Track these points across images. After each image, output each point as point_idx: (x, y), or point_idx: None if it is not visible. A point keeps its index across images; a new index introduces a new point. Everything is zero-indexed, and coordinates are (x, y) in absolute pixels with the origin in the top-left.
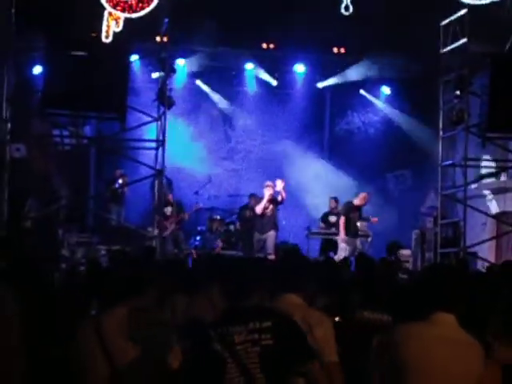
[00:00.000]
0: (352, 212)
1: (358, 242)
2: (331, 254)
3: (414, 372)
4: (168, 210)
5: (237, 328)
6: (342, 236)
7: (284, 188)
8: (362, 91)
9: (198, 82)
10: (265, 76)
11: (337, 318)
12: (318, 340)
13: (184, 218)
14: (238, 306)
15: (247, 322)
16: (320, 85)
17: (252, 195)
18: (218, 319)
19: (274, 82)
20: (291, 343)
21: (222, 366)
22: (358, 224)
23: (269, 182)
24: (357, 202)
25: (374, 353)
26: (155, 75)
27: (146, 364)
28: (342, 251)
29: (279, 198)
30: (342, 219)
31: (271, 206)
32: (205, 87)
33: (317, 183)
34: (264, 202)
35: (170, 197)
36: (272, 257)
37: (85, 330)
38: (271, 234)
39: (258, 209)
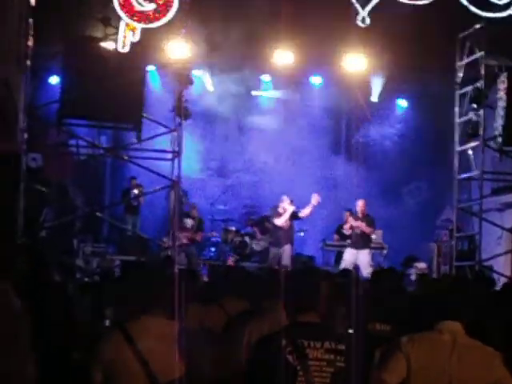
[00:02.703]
0: (353, 221)
1: (363, 254)
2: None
3: (425, 378)
4: (188, 222)
5: (311, 343)
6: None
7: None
8: (378, 103)
9: (215, 93)
10: (280, 89)
11: (350, 330)
12: None
13: (196, 239)
14: (311, 322)
15: (323, 339)
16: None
17: (273, 208)
18: (289, 331)
19: (290, 95)
20: (360, 368)
21: (293, 377)
22: (374, 236)
23: (285, 197)
24: (357, 210)
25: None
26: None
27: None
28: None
29: (301, 214)
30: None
31: (289, 221)
32: (221, 98)
33: (332, 195)
34: (286, 217)
35: (195, 212)
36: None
37: (114, 338)
38: (287, 247)
39: (280, 222)
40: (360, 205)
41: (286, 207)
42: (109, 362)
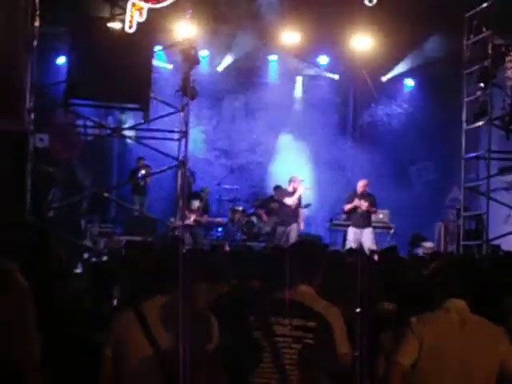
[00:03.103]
0: (356, 199)
1: (366, 232)
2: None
3: (436, 357)
4: (195, 203)
5: (279, 320)
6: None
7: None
8: (385, 83)
9: (222, 73)
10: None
11: (358, 309)
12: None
13: (202, 221)
14: (282, 299)
15: (292, 316)
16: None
17: (277, 187)
18: (259, 308)
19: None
20: (329, 347)
21: (259, 354)
22: (380, 215)
23: (296, 176)
24: (359, 189)
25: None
26: (178, 66)
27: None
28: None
29: (287, 202)
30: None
31: (297, 200)
32: (228, 78)
33: (340, 175)
34: (297, 196)
35: (204, 195)
36: None
37: (125, 317)
38: (294, 226)
39: (290, 201)
40: (361, 185)
41: (296, 186)
42: (119, 339)
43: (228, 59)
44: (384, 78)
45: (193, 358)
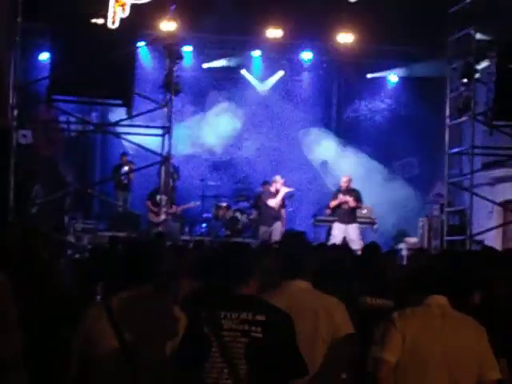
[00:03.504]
0: (340, 195)
1: (351, 228)
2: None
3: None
4: (163, 198)
5: (227, 314)
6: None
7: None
8: (369, 78)
9: (205, 69)
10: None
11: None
12: (338, 325)
13: (177, 212)
14: (233, 293)
15: (240, 310)
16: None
17: (265, 182)
18: (210, 302)
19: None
20: (284, 342)
21: (207, 349)
22: (364, 211)
23: (279, 178)
24: (342, 185)
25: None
26: (161, 62)
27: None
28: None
29: (270, 203)
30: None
31: (280, 201)
32: (212, 74)
33: (324, 171)
34: (280, 198)
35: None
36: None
37: (95, 309)
38: (277, 224)
39: (273, 203)
40: (344, 180)
41: (279, 188)
42: (87, 331)
43: (210, 55)
44: (368, 75)
45: (157, 352)
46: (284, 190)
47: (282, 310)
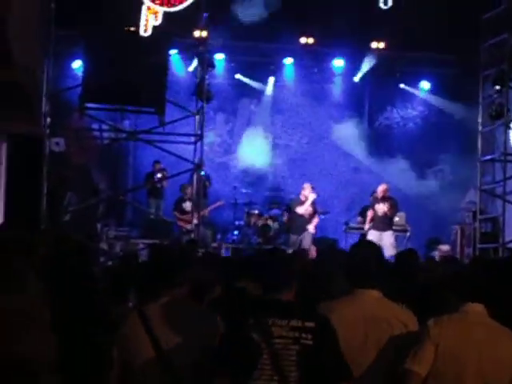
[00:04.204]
0: (376, 204)
1: (386, 235)
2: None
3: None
4: (187, 205)
5: (277, 321)
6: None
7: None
8: (401, 86)
9: (237, 77)
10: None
11: None
12: None
13: (205, 214)
14: (280, 300)
15: (290, 317)
16: (358, 79)
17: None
18: (257, 309)
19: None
20: (330, 348)
21: (257, 356)
22: (397, 218)
23: (307, 185)
24: (379, 194)
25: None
26: (193, 69)
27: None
28: None
29: (299, 211)
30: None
31: (309, 208)
32: (244, 82)
33: (357, 178)
34: (308, 205)
35: (190, 191)
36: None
37: (130, 318)
38: (307, 233)
39: (301, 210)
40: (380, 189)
41: (307, 195)
42: (124, 340)
43: (243, 62)
44: (401, 85)
45: (196, 358)
46: (312, 197)
47: (325, 315)
